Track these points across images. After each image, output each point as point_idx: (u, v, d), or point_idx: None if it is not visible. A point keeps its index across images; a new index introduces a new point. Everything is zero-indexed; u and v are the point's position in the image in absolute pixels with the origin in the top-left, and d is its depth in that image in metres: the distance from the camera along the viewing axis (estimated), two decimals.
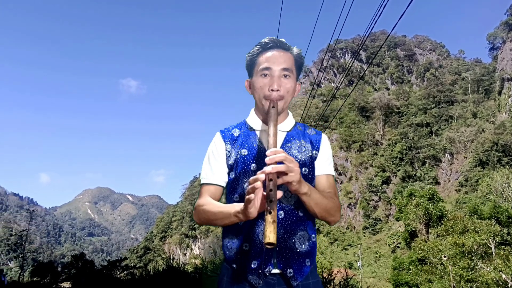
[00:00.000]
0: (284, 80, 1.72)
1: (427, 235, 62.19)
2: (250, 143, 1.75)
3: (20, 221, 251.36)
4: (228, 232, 1.72)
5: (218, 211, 1.58)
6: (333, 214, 1.64)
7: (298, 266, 1.63)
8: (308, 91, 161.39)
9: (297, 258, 1.63)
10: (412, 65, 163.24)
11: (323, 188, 1.74)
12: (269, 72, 1.70)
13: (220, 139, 1.80)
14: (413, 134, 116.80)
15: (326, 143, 1.85)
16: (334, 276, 10.91)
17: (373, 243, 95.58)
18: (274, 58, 1.71)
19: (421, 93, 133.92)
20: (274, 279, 1.62)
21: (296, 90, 1.84)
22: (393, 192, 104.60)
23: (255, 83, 1.75)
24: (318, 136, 1.85)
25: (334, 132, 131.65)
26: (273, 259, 1.61)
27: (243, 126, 1.85)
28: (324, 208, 1.58)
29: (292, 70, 1.75)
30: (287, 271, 1.61)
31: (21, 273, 66.36)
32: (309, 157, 1.75)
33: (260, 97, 1.74)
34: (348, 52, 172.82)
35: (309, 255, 1.67)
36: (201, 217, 1.68)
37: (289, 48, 1.77)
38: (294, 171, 1.39)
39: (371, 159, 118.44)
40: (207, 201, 1.67)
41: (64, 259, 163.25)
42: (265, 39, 1.75)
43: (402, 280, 46.72)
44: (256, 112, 1.86)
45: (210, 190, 1.72)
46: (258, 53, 1.76)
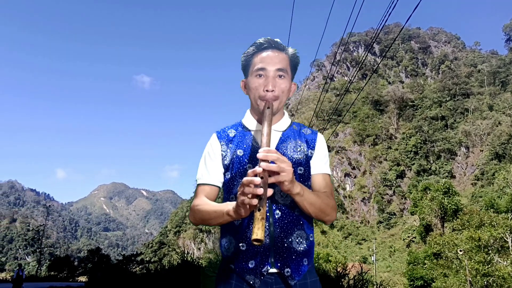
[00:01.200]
0: (279, 80, 1.71)
1: (443, 229, 61.71)
2: (246, 144, 1.76)
3: (37, 216, 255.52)
4: (226, 232, 1.72)
5: (212, 210, 1.59)
6: (328, 214, 1.65)
7: (296, 265, 1.63)
8: (321, 85, 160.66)
9: (295, 257, 1.63)
10: (427, 57, 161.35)
11: (318, 187, 1.74)
12: (264, 72, 1.70)
13: (216, 139, 1.81)
14: (428, 128, 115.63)
15: (321, 142, 1.85)
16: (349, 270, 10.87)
17: (387, 238, 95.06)
18: (269, 58, 1.70)
19: (436, 86, 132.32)
20: (272, 278, 1.62)
21: (291, 91, 1.80)
22: (408, 186, 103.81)
23: (250, 84, 1.75)
24: (313, 136, 1.84)
25: (348, 126, 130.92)
26: (271, 258, 1.61)
27: (239, 126, 1.85)
28: (318, 207, 1.59)
29: (287, 71, 1.73)
30: (284, 271, 1.61)
31: (38, 267, 67.70)
32: (305, 157, 1.74)
33: (255, 97, 1.73)
34: (362, 45, 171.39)
35: (307, 255, 1.68)
36: (196, 217, 1.69)
37: (284, 49, 1.75)
38: (286, 170, 1.39)
39: (385, 153, 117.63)
40: (203, 201, 1.68)
41: (80, 254, 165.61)
42: (260, 40, 1.75)
43: (417, 275, 46.43)
44: (251, 112, 1.85)
45: (206, 190, 1.73)
46: (253, 54, 1.75)
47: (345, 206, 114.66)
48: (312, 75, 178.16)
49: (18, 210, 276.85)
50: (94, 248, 67.14)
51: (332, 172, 46.32)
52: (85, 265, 60.31)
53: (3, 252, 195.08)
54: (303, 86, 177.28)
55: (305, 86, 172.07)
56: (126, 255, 56.51)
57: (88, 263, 58.66)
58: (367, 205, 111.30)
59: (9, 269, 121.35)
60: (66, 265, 63.24)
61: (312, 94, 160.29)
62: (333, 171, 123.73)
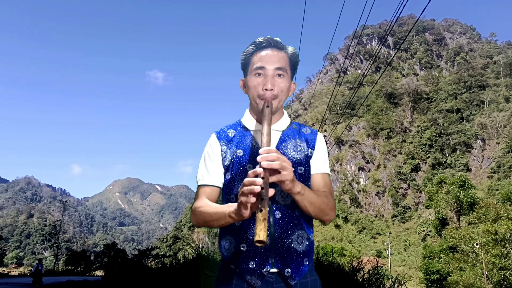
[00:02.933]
0: (278, 79, 1.70)
1: (458, 223, 61.20)
2: (246, 143, 1.75)
3: (54, 211, 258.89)
4: (225, 233, 1.72)
5: (214, 212, 1.58)
6: (327, 213, 1.64)
7: (296, 265, 1.64)
8: (334, 78, 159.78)
9: (295, 257, 1.64)
10: (442, 49, 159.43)
11: (318, 187, 1.73)
12: (262, 71, 1.70)
13: (216, 140, 1.81)
14: (443, 120, 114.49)
15: (321, 142, 1.83)
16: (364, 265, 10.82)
17: (402, 232, 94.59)
18: (267, 57, 1.70)
19: (451, 78, 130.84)
20: (273, 277, 1.63)
21: (291, 90, 1.79)
22: (423, 179, 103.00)
23: (249, 83, 1.74)
24: (313, 135, 1.82)
25: (361, 119, 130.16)
26: (271, 259, 1.61)
27: (238, 126, 1.84)
28: (318, 207, 1.58)
29: (286, 70, 1.72)
30: (285, 271, 1.61)
31: (56, 262, 68.75)
32: (305, 156, 1.74)
33: (254, 96, 1.73)
34: (375, 38, 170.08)
35: (307, 254, 1.68)
36: (198, 219, 1.67)
37: (284, 48, 1.75)
38: (287, 169, 1.40)
39: (400, 147, 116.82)
40: (204, 203, 1.67)
41: (96, 248, 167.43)
42: (259, 38, 1.74)
43: (433, 269, 46.07)
44: (250, 112, 1.85)
45: (207, 192, 1.73)
46: (252, 53, 1.75)
47: (359, 200, 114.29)
48: (325, 69, 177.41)
49: (35, 206, 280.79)
50: (110, 243, 67.99)
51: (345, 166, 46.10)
52: (101, 259, 61.13)
53: (21, 247, 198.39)
54: (316, 79, 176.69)
55: (318, 80, 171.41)
56: (142, 249, 57.27)
57: (104, 258, 59.45)
58: (381, 199, 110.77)
59: (27, 264, 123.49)
60: (83, 259, 64.12)
61: (325, 87, 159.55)
62: (347, 165, 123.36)
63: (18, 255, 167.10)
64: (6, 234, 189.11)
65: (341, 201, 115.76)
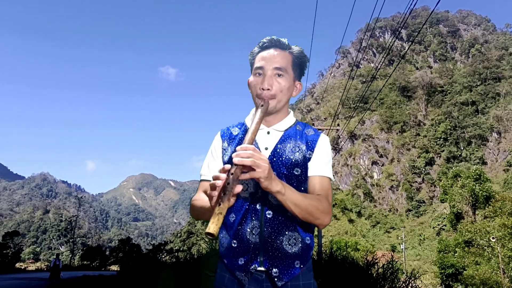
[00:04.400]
0: (277, 79, 1.70)
1: (474, 217, 60.61)
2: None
3: (69, 207, 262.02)
4: (222, 229, 1.73)
5: (201, 205, 1.64)
6: (318, 217, 1.58)
7: (285, 266, 1.62)
8: (347, 72, 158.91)
9: (284, 258, 1.62)
10: (456, 41, 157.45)
11: (313, 189, 1.69)
12: (262, 71, 1.71)
13: (219, 137, 1.85)
14: (458, 113, 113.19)
15: (323, 144, 1.79)
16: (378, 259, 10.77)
17: (416, 226, 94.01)
18: (268, 57, 1.71)
19: (466, 70, 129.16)
20: (262, 276, 1.63)
21: (296, 90, 1.80)
22: (437, 173, 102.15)
23: (250, 82, 1.77)
24: (315, 137, 1.79)
25: (374, 113, 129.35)
26: (260, 257, 1.62)
27: (242, 125, 1.86)
28: (305, 209, 1.53)
29: (286, 69, 1.72)
30: (272, 271, 1.61)
31: (71, 257, 69.62)
32: (302, 158, 1.71)
33: (254, 95, 1.74)
34: (388, 31, 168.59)
35: (300, 257, 1.65)
36: (192, 212, 1.74)
37: (287, 48, 1.75)
38: (261, 167, 1.37)
39: (414, 140, 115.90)
40: (199, 196, 1.71)
41: (111, 243, 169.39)
42: (264, 39, 1.76)
43: (448, 263, 45.72)
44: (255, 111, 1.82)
45: (205, 186, 1.70)
46: (257, 53, 1.77)
47: (373, 194, 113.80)
48: (337, 63, 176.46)
49: (50, 202, 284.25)
50: (124, 238, 68.67)
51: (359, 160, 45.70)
52: (116, 254, 61.82)
53: (37, 243, 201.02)
54: (328, 73, 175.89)
55: (330, 74, 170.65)
56: (156, 244, 57.73)
57: (119, 253, 60.13)
58: (395, 193, 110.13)
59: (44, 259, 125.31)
60: (98, 254, 64.83)
61: (338, 81, 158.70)
62: (360, 159, 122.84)
63: (35, 250, 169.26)
64: (23, 230, 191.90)
65: (354, 195, 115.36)
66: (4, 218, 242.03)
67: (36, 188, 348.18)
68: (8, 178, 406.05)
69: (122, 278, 23.36)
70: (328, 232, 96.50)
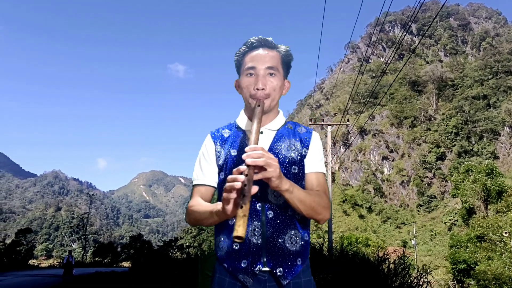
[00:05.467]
0: (270, 78, 1.71)
1: (486, 212, 60.07)
2: (240, 144, 1.76)
3: (81, 204, 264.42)
4: (219, 231, 1.72)
5: (203, 210, 1.61)
6: (320, 212, 1.62)
7: (289, 265, 1.63)
8: (356, 67, 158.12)
9: (287, 257, 1.63)
10: (467, 34, 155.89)
11: (311, 185, 1.71)
12: (254, 71, 1.70)
13: (210, 140, 1.83)
14: (469, 107, 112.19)
15: (316, 141, 1.82)
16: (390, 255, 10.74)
17: (428, 221, 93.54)
18: (258, 57, 1.71)
19: (477, 64, 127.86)
20: (265, 276, 1.63)
21: (285, 88, 1.81)
22: (449, 168, 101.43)
23: (241, 83, 1.76)
24: (308, 134, 1.82)
25: (384, 108, 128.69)
26: (263, 258, 1.61)
27: (233, 126, 1.85)
28: (309, 205, 1.56)
29: (277, 68, 1.73)
30: (276, 270, 1.61)
31: (84, 253, 70.29)
32: (299, 155, 1.73)
33: (247, 96, 1.73)
34: (398, 25, 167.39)
35: (301, 255, 1.67)
36: (191, 218, 1.69)
37: (275, 47, 1.76)
38: (273, 166, 1.40)
39: (424, 135, 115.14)
40: (196, 202, 1.69)
41: (122, 240, 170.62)
42: (251, 39, 1.75)
43: (459, 258, 45.41)
44: (245, 112, 1.85)
45: (201, 191, 1.74)
46: (244, 53, 1.76)
47: (383, 190, 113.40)
48: (346, 58, 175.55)
49: (62, 199, 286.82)
50: (135, 235, 69.14)
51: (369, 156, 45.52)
52: (128, 251, 62.27)
53: (50, 239, 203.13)
54: (338, 69, 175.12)
55: (339, 69, 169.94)
56: (167, 241, 58.06)
57: (130, 249, 60.55)
58: (406, 189, 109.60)
59: (56, 256, 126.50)
60: (110, 251, 65.38)
61: (347, 77, 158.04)
62: (370, 155, 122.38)
63: (48, 247, 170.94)
64: (36, 227, 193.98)
65: (364, 191, 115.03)
66: (17, 215, 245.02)
67: (48, 185, 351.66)
68: (20, 176, 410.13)
69: (134, 274, 23.53)
70: (338, 227, 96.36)
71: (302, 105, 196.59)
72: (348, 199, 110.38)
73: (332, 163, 26.18)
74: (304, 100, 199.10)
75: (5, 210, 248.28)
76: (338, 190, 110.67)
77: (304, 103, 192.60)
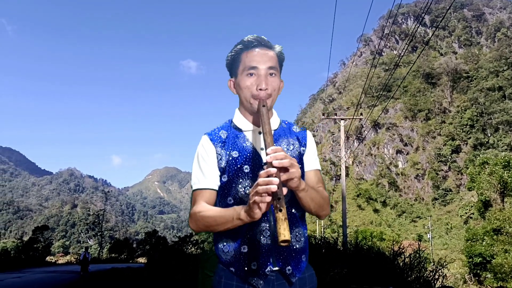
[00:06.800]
0: (271, 78, 1.69)
1: (503, 204, 59.36)
2: (240, 145, 1.72)
3: (96, 201, 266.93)
4: (222, 236, 1.69)
5: (218, 215, 1.55)
6: (325, 208, 1.66)
7: (296, 262, 1.65)
8: (369, 60, 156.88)
9: (294, 255, 1.65)
10: (481, 25, 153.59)
11: (312, 183, 1.72)
12: (255, 71, 1.68)
13: (209, 142, 1.76)
14: (485, 99, 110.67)
15: (311, 139, 1.84)
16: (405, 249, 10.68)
17: (443, 215, 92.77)
18: (259, 56, 1.69)
19: (492, 55, 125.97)
20: (273, 275, 1.63)
21: (280, 88, 1.79)
22: (464, 161, 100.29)
23: (240, 83, 1.72)
24: (303, 133, 1.83)
25: (398, 101, 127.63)
26: (272, 258, 1.61)
27: (229, 127, 1.81)
28: (318, 202, 1.59)
29: (276, 68, 1.72)
30: (286, 269, 1.62)
31: (100, 250, 71.08)
32: (298, 154, 1.74)
33: (247, 96, 1.70)
34: (411, 17, 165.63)
35: (304, 251, 1.69)
36: (199, 224, 1.62)
37: (272, 46, 1.74)
38: (295, 167, 1.40)
39: (439, 128, 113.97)
40: (205, 207, 1.62)
41: (138, 236, 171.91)
42: (247, 37, 1.73)
43: (476, 251, 44.99)
44: (242, 112, 1.81)
45: (205, 195, 1.69)
46: (240, 52, 1.73)
47: (398, 183, 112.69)
48: (359, 51, 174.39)
49: (78, 196, 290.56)
50: (151, 231, 69.60)
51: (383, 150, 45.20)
52: (143, 247, 62.73)
53: (66, 236, 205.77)
54: (350, 62, 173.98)
55: (352, 63, 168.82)
56: (182, 236, 58.35)
57: (146, 245, 60.97)
58: (421, 182, 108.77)
59: (73, 252, 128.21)
60: (126, 247, 66.02)
61: (360, 70, 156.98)
62: (384, 149, 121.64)
63: (64, 244, 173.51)
64: (52, 224, 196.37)
65: (379, 185, 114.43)
66: (34, 213, 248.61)
67: (64, 183, 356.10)
68: (36, 174, 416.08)
69: (149, 270, 23.76)
70: (352, 222, 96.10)
71: (314, 99, 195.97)
72: (362, 194, 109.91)
73: (346, 157, 26.05)
74: (317, 95, 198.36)
75: (22, 208, 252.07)
76: (352, 184, 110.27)
77: (317, 98, 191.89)
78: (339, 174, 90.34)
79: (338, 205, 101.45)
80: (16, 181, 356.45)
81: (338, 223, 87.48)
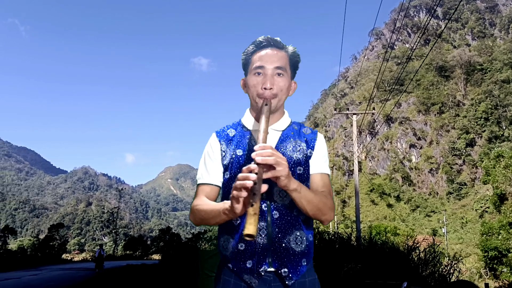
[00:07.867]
0: (277, 78, 1.69)
1: None
2: (245, 143, 1.75)
3: (110, 199, 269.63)
4: (223, 231, 1.72)
5: (210, 209, 1.59)
6: (325, 213, 1.62)
7: (294, 265, 1.63)
8: (381, 54, 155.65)
9: (293, 258, 1.63)
10: (495, 17, 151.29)
11: (316, 186, 1.71)
12: (262, 70, 1.69)
13: (215, 139, 1.81)
14: (499, 92, 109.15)
15: (321, 142, 1.81)
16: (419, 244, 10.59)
17: (458, 209, 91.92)
18: (267, 56, 1.70)
19: (506, 47, 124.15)
20: (270, 276, 1.62)
21: (292, 89, 1.80)
22: (479, 154, 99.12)
23: (248, 82, 1.74)
24: (313, 135, 1.82)
25: (411, 95, 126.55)
26: (268, 258, 1.61)
27: (238, 126, 1.84)
28: (316, 206, 1.57)
29: (285, 69, 1.72)
30: (281, 271, 1.61)
31: (114, 247, 71.74)
32: (304, 156, 1.73)
33: (254, 95, 1.72)
34: (423, 9, 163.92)
35: (306, 255, 1.67)
36: (196, 217, 1.68)
37: (284, 47, 1.75)
38: (282, 165, 1.39)
39: (453, 121, 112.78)
40: (202, 201, 1.67)
41: (152, 233, 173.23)
42: (259, 38, 1.75)
43: (491, 246, 44.57)
44: (250, 111, 1.84)
45: (206, 190, 1.73)
46: (252, 52, 1.75)
47: (411, 178, 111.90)
48: (370, 45, 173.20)
49: (93, 194, 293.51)
50: (164, 228, 70.13)
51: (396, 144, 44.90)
52: (157, 244, 63.21)
53: (82, 234, 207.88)
54: (362, 56, 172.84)
55: (364, 57, 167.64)
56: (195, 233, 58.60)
57: (160, 242, 61.42)
58: (435, 176, 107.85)
59: (88, 249, 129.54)
60: (140, 244, 66.54)
61: (372, 64, 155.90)
62: (397, 143, 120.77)
63: (80, 241, 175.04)
64: (68, 222, 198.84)
65: (392, 179, 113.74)
66: (49, 211, 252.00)
67: (78, 181, 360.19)
68: (51, 173, 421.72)
69: (164, 267, 23.88)
70: (366, 217, 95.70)
71: (326, 94, 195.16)
72: (376, 188, 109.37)
73: (358, 152, 25.92)
74: (328, 90, 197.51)
75: (38, 206, 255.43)
76: (365, 179, 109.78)
77: (329, 93, 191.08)
78: (352, 169, 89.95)
79: (352, 200, 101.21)
80: (32, 180, 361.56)
81: (352, 218, 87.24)
